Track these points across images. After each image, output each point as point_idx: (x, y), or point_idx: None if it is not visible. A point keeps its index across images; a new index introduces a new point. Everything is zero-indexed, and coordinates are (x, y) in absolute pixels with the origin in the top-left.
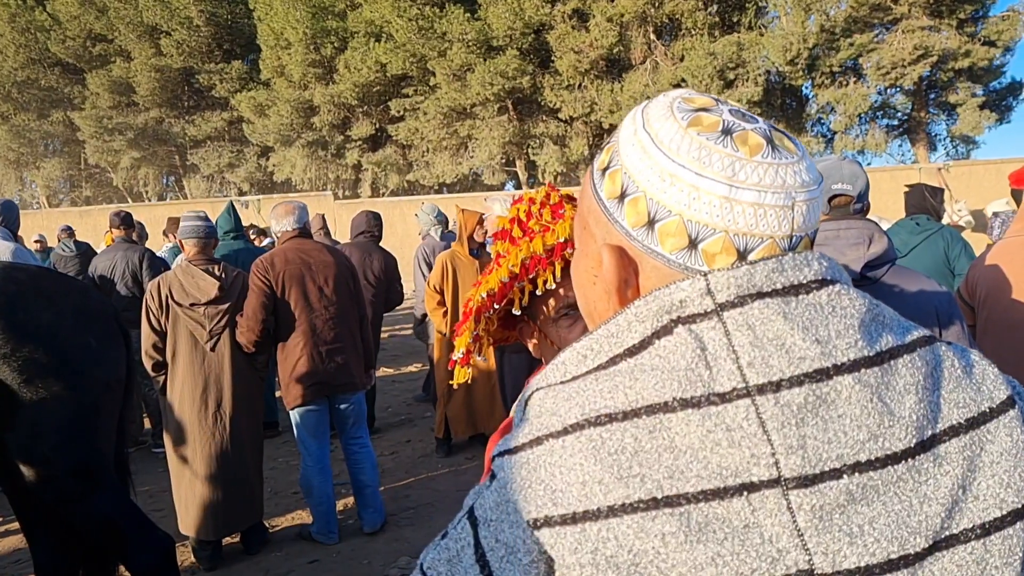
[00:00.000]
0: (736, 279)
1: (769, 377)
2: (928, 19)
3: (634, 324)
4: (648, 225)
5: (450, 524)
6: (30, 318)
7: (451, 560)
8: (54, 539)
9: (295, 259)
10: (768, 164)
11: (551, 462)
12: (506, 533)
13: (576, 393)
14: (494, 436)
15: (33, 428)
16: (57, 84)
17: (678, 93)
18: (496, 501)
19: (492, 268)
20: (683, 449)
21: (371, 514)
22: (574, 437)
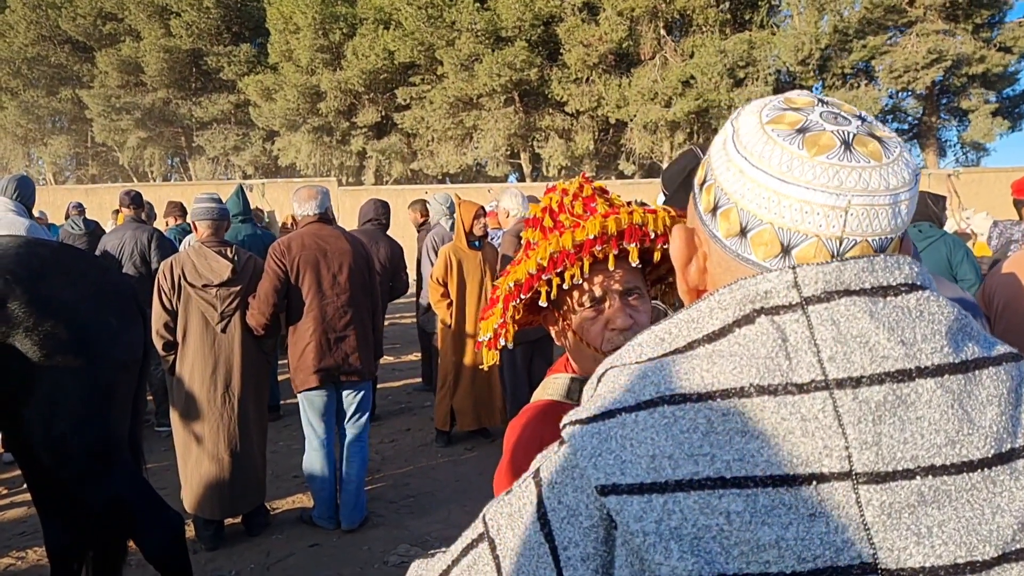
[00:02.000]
0: (825, 275)
1: (850, 372)
2: (943, 23)
3: (716, 311)
4: (712, 212)
5: (515, 482)
6: (52, 294)
7: (512, 515)
8: (66, 516)
9: (312, 244)
10: (829, 165)
11: (622, 434)
12: (569, 496)
13: (652, 372)
14: (514, 421)
15: (50, 405)
16: (67, 62)
17: (791, 93)
18: (562, 466)
19: (521, 258)
20: (755, 434)
21: (350, 511)
22: (647, 413)
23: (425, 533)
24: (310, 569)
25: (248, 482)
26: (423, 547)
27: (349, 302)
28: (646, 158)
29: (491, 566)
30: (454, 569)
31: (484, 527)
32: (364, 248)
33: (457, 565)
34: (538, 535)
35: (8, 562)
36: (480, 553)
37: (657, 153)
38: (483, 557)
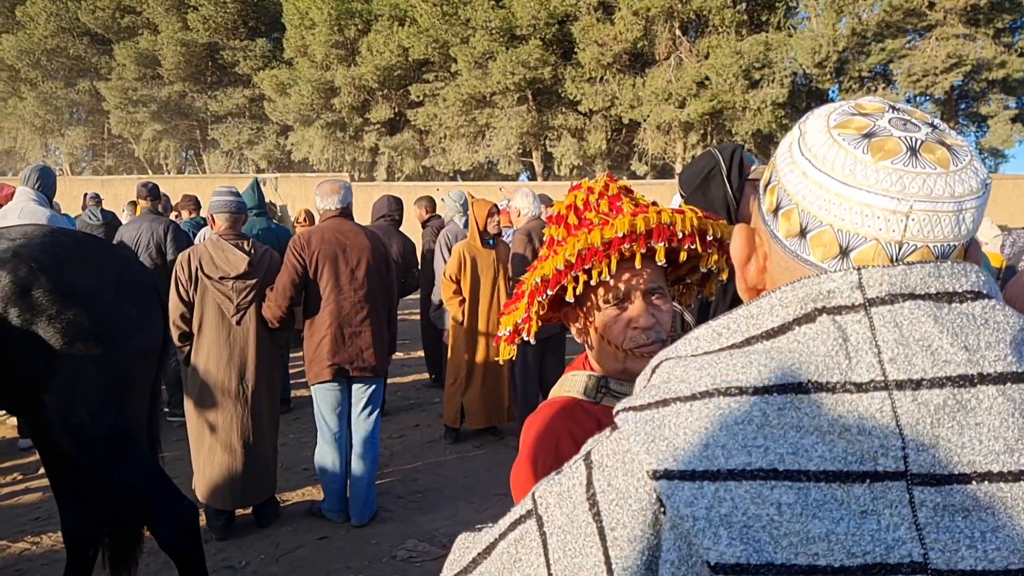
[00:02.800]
0: (890, 277)
1: (910, 375)
2: (964, 27)
3: (776, 308)
4: (773, 212)
5: (566, 463)
6: (75, 282)
7: (561, 494)
8: (82, 503)
9: (331, 239)
10: (893, 170)
11: (676, 422)
12: (620, 480)
13: (708, 365)
14: (531, 417)
15: (70, 391)
16: (85, 54)
17: (862, 99)
18: (614, 450)
19: (548, 254)
20: (810, 430)
21: (360, 507)
22: (702, 403)
23: (433, 529)
24: (318, 561)
25: (259, 474)
26: (431, 542)
27: (366, 298)
28: (659, 159)
29: (537, 542)
30: (501, 542)
31: (533, 504)
32: (383, 245)
33: (504, 539)
34: (586, 515)
35: (23, 547)
36: (527, 529)
37: (670, 154)
38: (530, 533)
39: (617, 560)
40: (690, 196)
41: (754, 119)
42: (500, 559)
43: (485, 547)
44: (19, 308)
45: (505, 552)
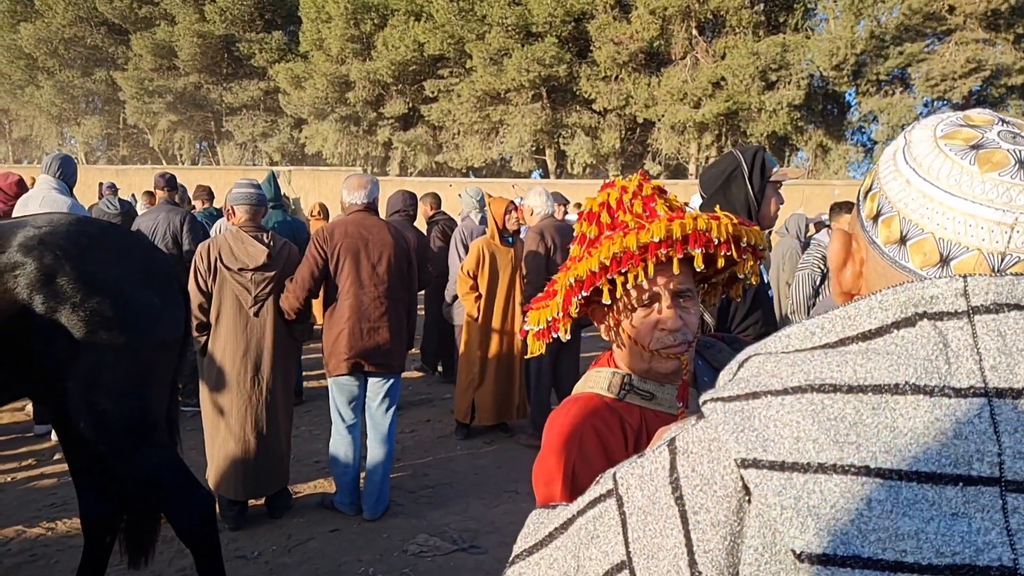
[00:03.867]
0: (996, 287)
1: (1012, 384)
2: (984, 32)
3: (876, 311)
4: (873, 219)
5: (648, 448)
6: (99, 271)
7: (643, 477)
8: (101, 490)
9: (354, 233)
10: (1000, 182)
11: (766, 415)
12: (704, 466)
13: (801, 362)
14: (555, 412)
15: (92, 379)
16: (102, 44)
17: (970, 111)
18: (700, 438)
19: (581, 254)
20: (904, 431)
21: (373, 502)
22: (794, 398)
23: (444, 524)
24: (330, 554)
25: (273, 464)
26: (442, 537)
27: (386, 293)
28: (672, 159)
29: (616, 520)
30: (579, 519)
31: (614, 484)
32: (406, 241)
33: (583, 515)
34: (668, 498)
35: (38, 532)
36: (607, 507)
37: (684, 154)
38: (609, 511)
39: (699, 543)
40: (711, 197)
41: (770, 120)
42: (578, 534)
43: (562, 522)
44: (44, 295)
45: (583, 528)
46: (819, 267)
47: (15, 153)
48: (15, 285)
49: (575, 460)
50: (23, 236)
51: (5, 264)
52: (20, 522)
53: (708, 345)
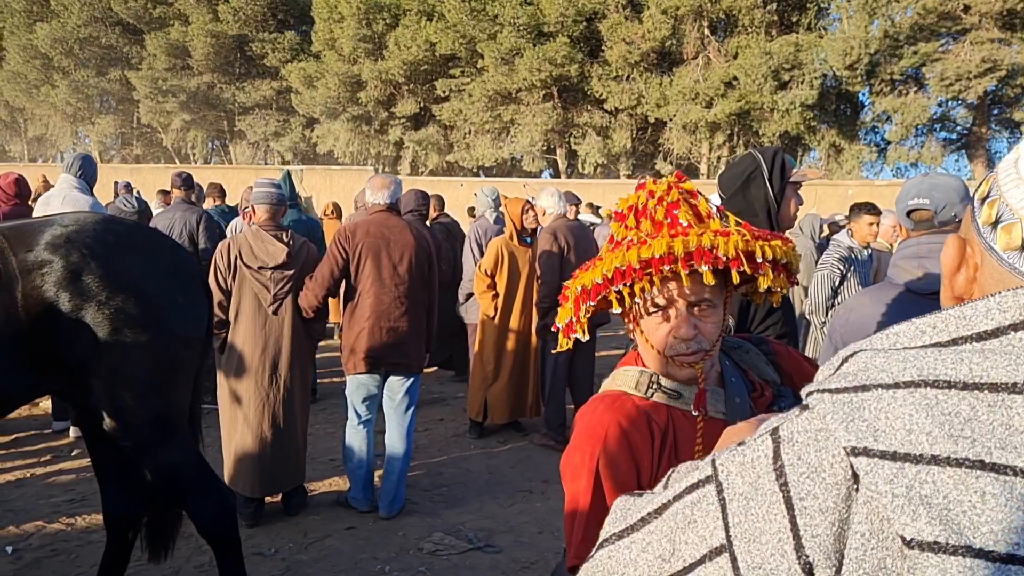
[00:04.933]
0: None
1: None
2: (999, 31)
3: (993, 312)
4: (991, 225)
5: (749, 437)
6: (125, 269)
7: (744, 464)
8: (124, 485)
9: (376, 233)
10: None
11: (876, 407)
12: (811, 455)
13: (913, 358)
14: (583, 408)
15: (117, 376)
16: (117, 43)
17: None
18: (805, 428)
19: (598, 258)
20: (1021, 429)
21: (389, 501)
22: (906, 392)
23: (459, 522)
24: (346, 551)
25: (289, 461)
26: (457, 536)
27: (406, 293)
28: (684, 159)
29: (716, 505)
30: (676, 504)
31: (713, 470)
32: (427, 242)
33: (679, 500)
34: (772, 485)
35: (58, 527)
36: (706, 492)
37: (695, 154)
38: (708, 496)
39: (806, 528)
40: (731, 198)
41: (782, 120)
42: (674, 519)
43: (657, 507)
44: (70, 293)
45: (680, 512)
46: (838, 268)
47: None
48: (42, 283)
49: (600, 457)
50: (50, 234)
51: (33, 262)
52: (40, 517)
53: (736, 346)
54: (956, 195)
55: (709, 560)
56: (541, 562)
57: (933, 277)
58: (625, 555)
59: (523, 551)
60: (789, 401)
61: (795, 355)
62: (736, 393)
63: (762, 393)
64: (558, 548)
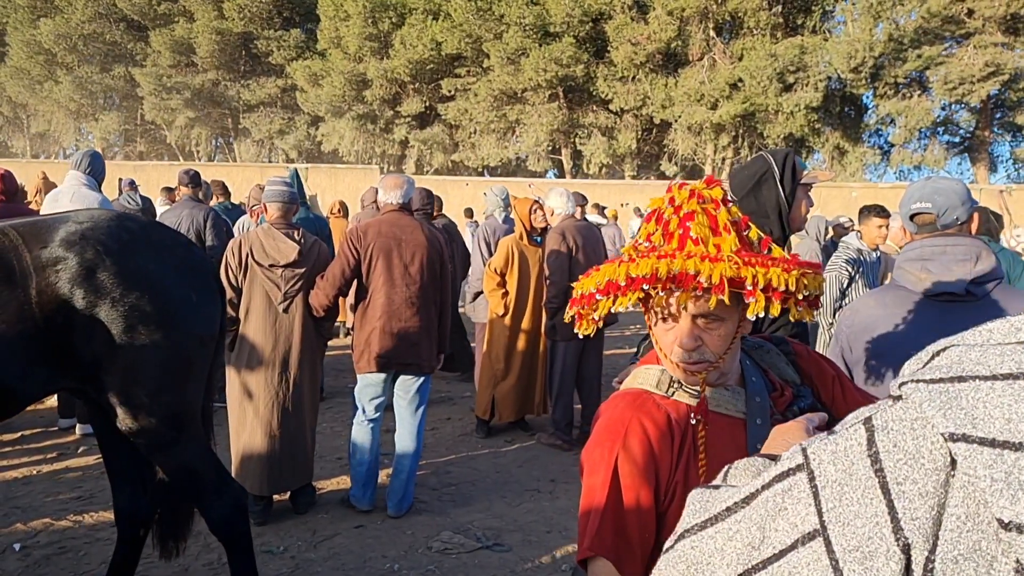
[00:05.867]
0: None
1: None
2: (1002, 36)
3: None
4: None
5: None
6: (140, 266)
7: (837, 452)
8: (136, 483)
9: (388, 233)
10: None
11: (974, 396)
12: (908, 442)
13: (1010, 352)
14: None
15: (131, 373)
16: (121, 40)
17: None
18: (901, 416)
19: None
20: None
21: (398, 500)
22: (1005, 384)
23: (468, 521)
24: (355, 550)
25: (297, 459)
26: (466, 535)
27: (418, 294)
28: (688, 159)
29: (807, 492)
30: (765, 492)
31: (804, 459)
32: (439, 242)
33: (769, 489)
34: (867, 471)
35: (66, 525)
36: (797, 481)
37: (700, 155)
38: (799, 484)
39: (904, 511)
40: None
41: (787, 123)
42: (764, 506)
43: (744, 497)
44: (84, 290)
45: (770, 500)
46: (846, 270)
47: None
48: (57, 280)
49: (619, 453)
50: (65, 231)
51: (47, 259)
52: (47, 515)
53: (756, 346)
54: (958, 199)
55: (801, 545)
56: (550, 561)
57: (936, 279)
58: (710, 545)
59: (532, 550)
60: (809, 401)
61: (814, 355)
62: (756, 392)
63: (782, 393)
64: (567, 547)
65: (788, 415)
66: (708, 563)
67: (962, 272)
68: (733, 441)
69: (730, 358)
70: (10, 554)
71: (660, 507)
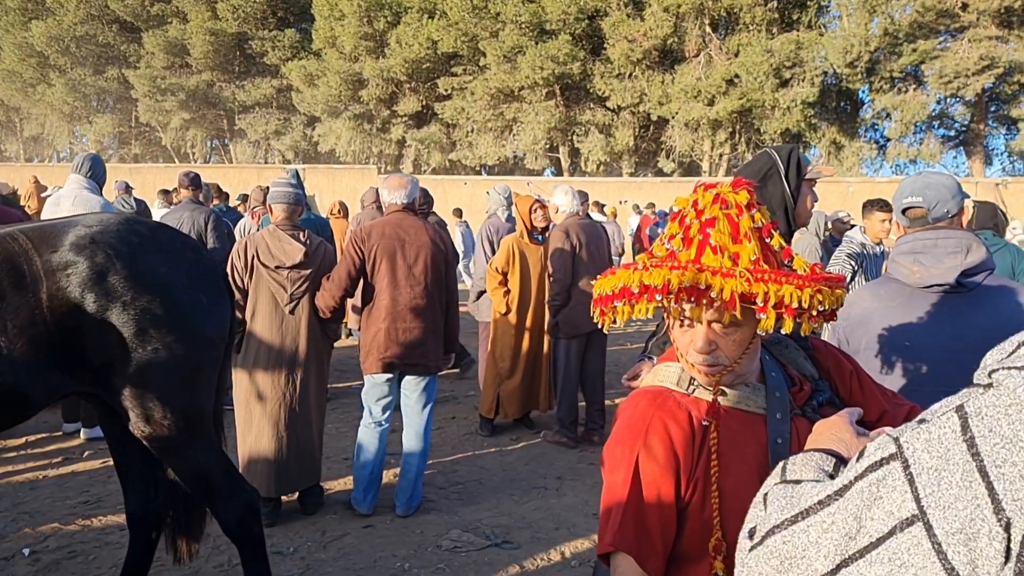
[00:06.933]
0: None
1: None
2: (997, 29)
3: None
4: None
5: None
6: (149, 270)
7: (930, 440)
8: (149, 487)
9: (391, 234)
10: None
11: None
12: (1004, 427)
13: None
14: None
15: (143, 376)
16: (114, 41)
17: None
18: (995, 403)
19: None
20: None
21: (407, 499)
22: None
23: (476, 520)
24: (365, 549)
25: (305, 460)
26: (475, 533)
27: (422, 294)
28: (686, 156)
29: (903, 480)
30: (859, 483)
31: (897, 448)
32: (444, 243)
33: (863, 479)
34: (964, 456)
35: (75, 529)
36: (891, 470)
37: (698, 151)
38: (894, 472)
39: (1005, 492)
40: None
41: (783, 118)
42: (859, 496)
43: (837, 489)
44: (95, 294)
45: (864, 490)
46: (849, 264)
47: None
48: (67, 284)
49: (640, 451)
50: (74, 235)
51: (58, 263)
52: (55, 519)
53: (775, 341)
54: (948, 193)
55: (900, 531)
56: (560, 558)
57: (928, 271)
58: (803, 538)
59: (541, 547)
60: (827, 395)
61: (832, 349)
62: (776, 388)
63: (801, 387)
64: (576, 544)
65: (807, 409)
66: (803, 556)
67: (953, 264)
68: (754, 437)
69: (747, 361)
70: (20, 559)
71: (681, 503)
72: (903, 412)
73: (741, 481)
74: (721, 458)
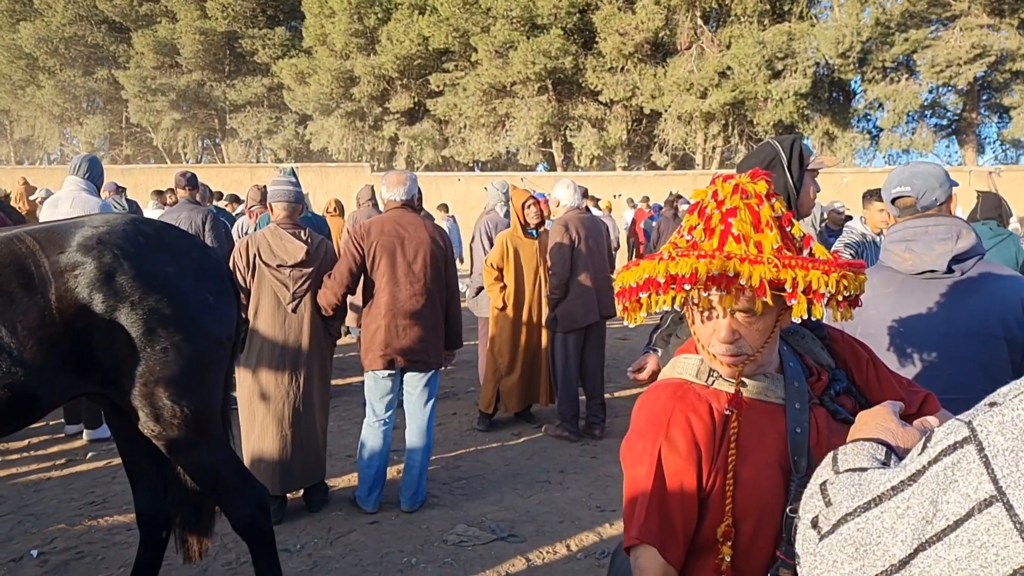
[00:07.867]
0: None
1: None
2: (988, 17)
3: None
4: None
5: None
6: (157, 270)
7: (1004, 423)
8: (158, 486)
9: (391, 230)
10: None
11: None
12: None
13: None
14: (644, 396)
15: (151, 376)
16: (103, 42)
17: None
18: None
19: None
20: None
21: (411, 494)
22: None
23: (481, 514)
24: (371, 545)
25: (309, 458)
26: (480, 527)
27: (422, 290)
28: (679, 149)
29: (978, 462)
30: (933, 467)
31: (970, 431)
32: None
33: (937, 463)
34: None
35: (82, 529)
36: (965, 453)
37: (691, 144)
38: (968, 455)
39: None
40: None
41: (776, 110)
42: (935, 480)
43: (910, 474)
44: (103, 294)
45: (940, 474)
46: (848, 253)
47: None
48: (75, 284)
49: (662, 444)
50: (81, 236)
51: (65, 264)
52: (61, 520)
53: (792, 331)
54: (936, 181)
55: (978, 512)
56: (566, 550)
57: (919, 258)
58: (877, 524)
59: (547, 540)
60: (844, 384)
61: (848, 339)
62: (795, 378)
63: (819, 377)
64: (581, 536)
65: (825, 399)
66: (879, 542)
67: (943, 250)
68: (774, 426)
69: (768, 350)
70: (28, 560)
71: (702, 494)
72: (919, 399)
73: (759, 470)
74: (741, 448)
